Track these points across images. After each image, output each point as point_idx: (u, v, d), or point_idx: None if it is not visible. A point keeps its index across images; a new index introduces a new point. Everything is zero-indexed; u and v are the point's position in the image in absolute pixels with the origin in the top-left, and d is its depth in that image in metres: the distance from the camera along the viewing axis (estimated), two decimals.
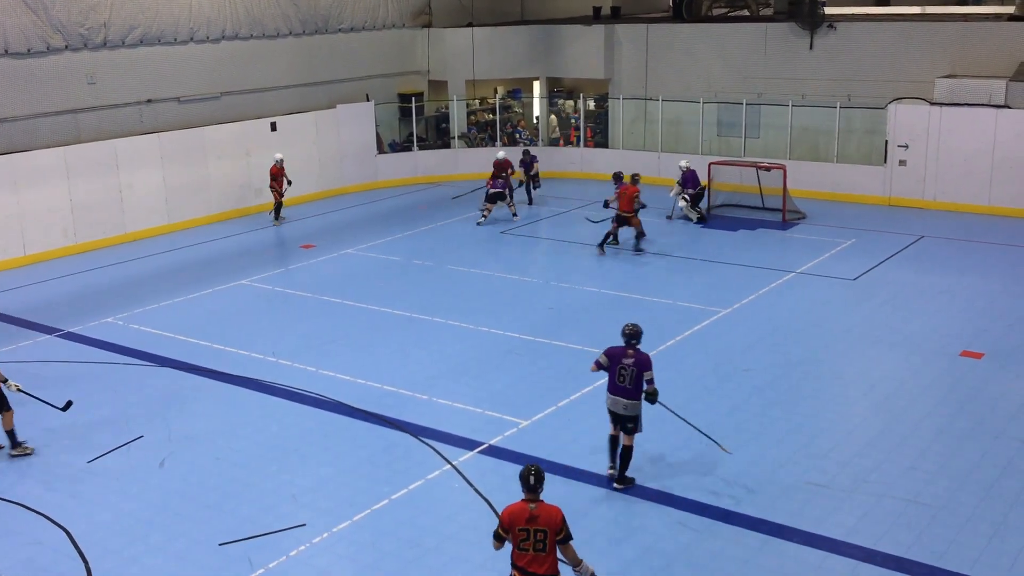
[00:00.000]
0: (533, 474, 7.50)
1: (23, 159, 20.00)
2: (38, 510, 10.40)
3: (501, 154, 23.46)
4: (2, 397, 11.61)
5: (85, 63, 21.16)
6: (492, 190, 22.55)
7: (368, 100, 27.02)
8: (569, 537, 7.52)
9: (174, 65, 22.84)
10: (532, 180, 24.54)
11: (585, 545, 9.41)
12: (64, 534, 9.94)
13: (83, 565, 9.40)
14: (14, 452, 11.69)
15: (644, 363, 10.33)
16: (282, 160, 22.94)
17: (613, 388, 10.42)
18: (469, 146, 28.54)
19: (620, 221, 19.66)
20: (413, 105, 27.36)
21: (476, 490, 10.59)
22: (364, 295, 17.53)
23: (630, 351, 10.37)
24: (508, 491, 10.43)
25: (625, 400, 10.36)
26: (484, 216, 22.56)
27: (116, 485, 10.99)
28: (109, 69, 21.59)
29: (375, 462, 11.35)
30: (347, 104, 26.38)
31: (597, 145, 28.08)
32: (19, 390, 11.70)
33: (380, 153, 27.30)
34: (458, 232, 22.12)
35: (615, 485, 10.55)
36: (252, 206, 24.15)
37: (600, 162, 27.25)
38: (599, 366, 10.50)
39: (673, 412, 11.19)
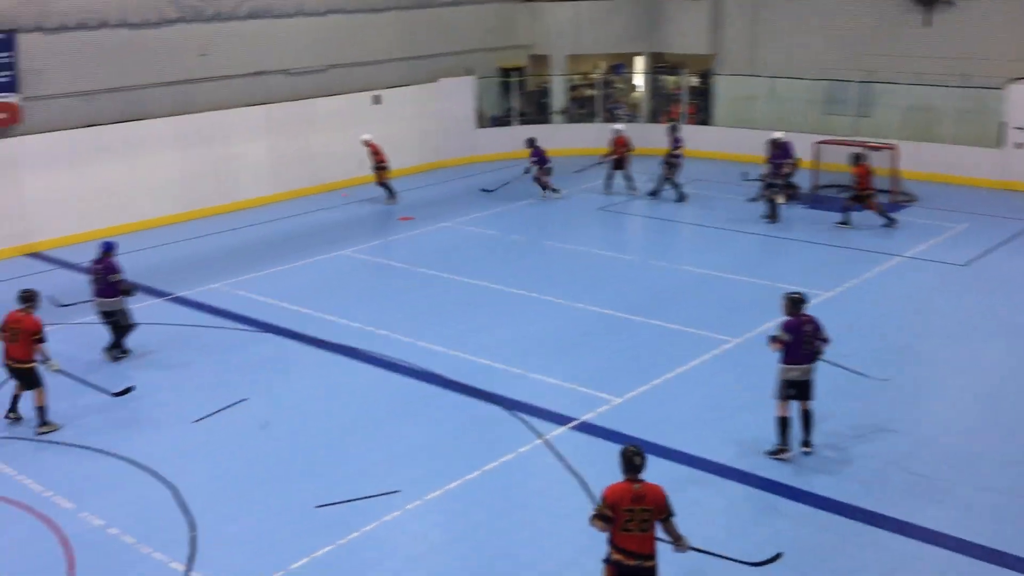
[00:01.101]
0: (638, 454, 7.40)
1: (137, 128, 20.72)
2: (147, 466, 10.86)
3: (620, 126, 23.36)
4: (36, 375, 11.62)
5: (198, 35, 21.76)
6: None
7: (470, 74, 27.15)
8: (672, 513, 7.49)
9: (283, 38, 23.30)
10: (671, 167, 22.08)
11: (683, 529, 9.40)
12: (170, 490, 10.36)
13: (187, 521, 9.79)
14: (41, 430, 11.59)
15: (820, 323, 10.58)
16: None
17: (799, 358, 10.48)
18: (568, 121, 28.44)
19: (858, 200, 19.29)
20: (514, 79, 27.35)
21: (567, 465, 10.65)
22: (460, 268, 17.71)
23: (804, 317, 10.50)
24: (599, 467, 10.48)
25: (810, 365, 10.57)
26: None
27: (220, 445, 11.39)
28: (221, 41, 22.16)
29: (468, 434, 11.50)
30: (449, 78, 26.54)
31: (699, 122, 27.66)
32: (58, 370, 11.73)
33: (480, 127, 27.43)
34: (556, 208, 22.11)
35: (804, 449, 10.70)
36: (355, 178, 24.53)
37: (702, 139, 26.82)
38: (783, 343, 10.46)
39: (832, 363, 11.20)
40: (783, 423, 10.64)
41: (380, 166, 22.74)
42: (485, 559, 9.09)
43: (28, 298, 11.68)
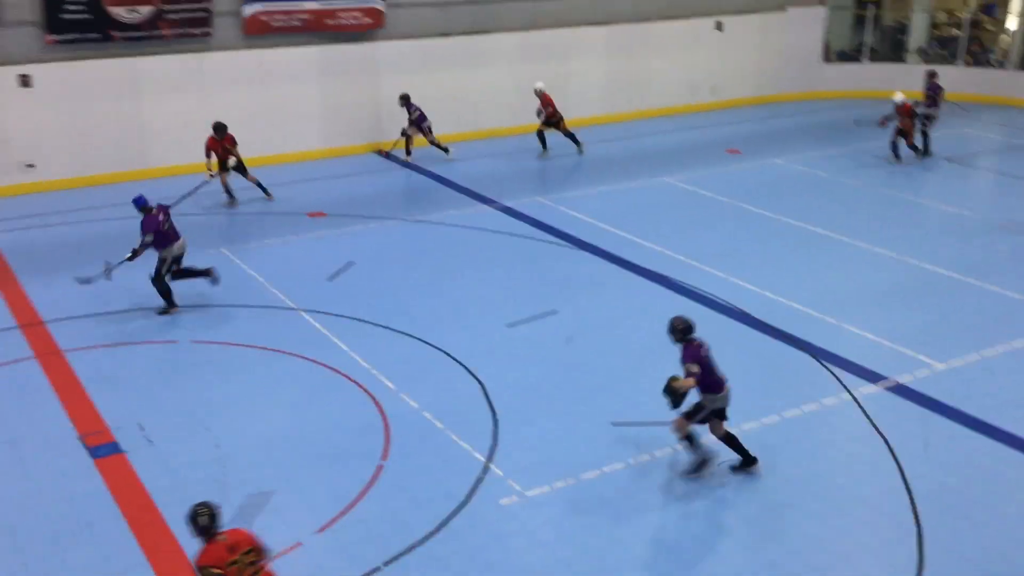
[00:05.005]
0: (202, 514, 6.69)
1: (485, 40, 21.57)
2: (460, 360, 11.58)
3: (899, 98, 19.45)
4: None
5: None
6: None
7: (821, 4, 25.71)
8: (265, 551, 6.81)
9: None
10: (925, 119, 19.85)
11: (989, 509, 8.76)
12: (478, 386, 11.01)
13: (491, 416, 10.38)
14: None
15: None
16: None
17: (715, 383, 9.16)
18: (925, 62, 26.31)
19: None
20: (870, 13, 25.60)
21: (874, 425, 10.13)
22: (783, 208, 17.08)
23: (697, 342, 9.17)
24: (905, 432, 9.96)
25: (728, 386, 9.21)
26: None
27: (527, 351, 11.89)
28: None
29: (772, 377, 11.23)
30: (799, 7, 25.28)
31: None
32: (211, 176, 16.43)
33: (826, 62, 26.01)
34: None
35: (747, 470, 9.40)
36: (690, 104, 24.22)
37: None
38: (695, 375, 8.99)
39: None
40: (692, 440, 9.24)
41: (551, 121, 20.36)
42: (769, 505, 8.92)
43: (222, 127, 16.47)
